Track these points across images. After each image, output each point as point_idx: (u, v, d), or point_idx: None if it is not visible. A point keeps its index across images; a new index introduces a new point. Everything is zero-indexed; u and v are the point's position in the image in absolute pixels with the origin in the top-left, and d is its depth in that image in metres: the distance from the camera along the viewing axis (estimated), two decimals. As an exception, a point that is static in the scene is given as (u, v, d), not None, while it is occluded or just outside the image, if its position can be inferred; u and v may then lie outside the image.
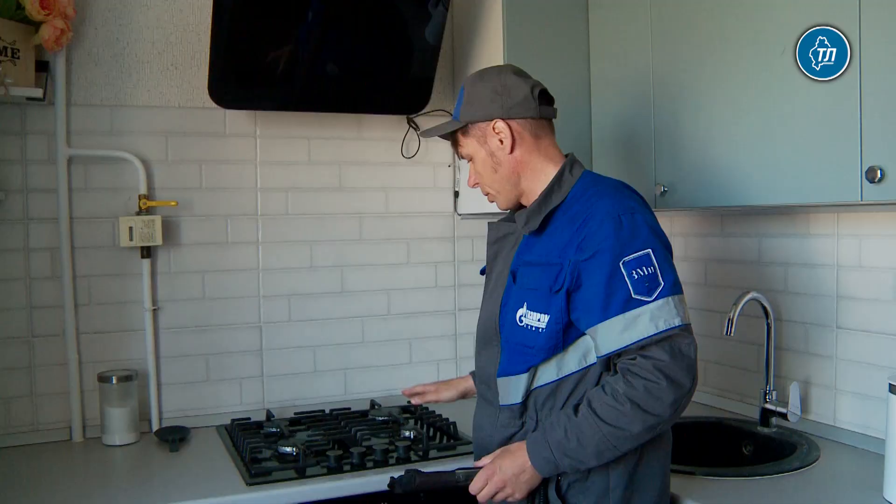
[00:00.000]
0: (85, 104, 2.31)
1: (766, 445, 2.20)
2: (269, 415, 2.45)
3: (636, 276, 1.51)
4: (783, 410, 2.17)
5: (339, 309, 2.63)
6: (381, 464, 2.04)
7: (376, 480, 1.97)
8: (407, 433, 2.25)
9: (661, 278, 1.52)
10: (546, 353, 1.60)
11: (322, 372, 2.61)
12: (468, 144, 1.74)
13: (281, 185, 2.55)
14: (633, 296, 1.50)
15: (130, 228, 2.28)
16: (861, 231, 2.07)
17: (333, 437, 2.24)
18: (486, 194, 1.78)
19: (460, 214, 2.80)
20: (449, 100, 2.76)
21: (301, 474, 1.97)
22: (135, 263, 2.35)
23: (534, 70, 2.41)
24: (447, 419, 2.37)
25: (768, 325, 2.23)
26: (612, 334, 1.51)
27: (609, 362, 1.58)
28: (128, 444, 2.26)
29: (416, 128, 2.71)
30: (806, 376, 2.23)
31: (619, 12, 2.36)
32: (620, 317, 1.50)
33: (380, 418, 2.43)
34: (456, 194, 2.80)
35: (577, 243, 1.56)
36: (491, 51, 2.49)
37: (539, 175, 1.70)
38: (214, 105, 2.33)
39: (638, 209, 1.59)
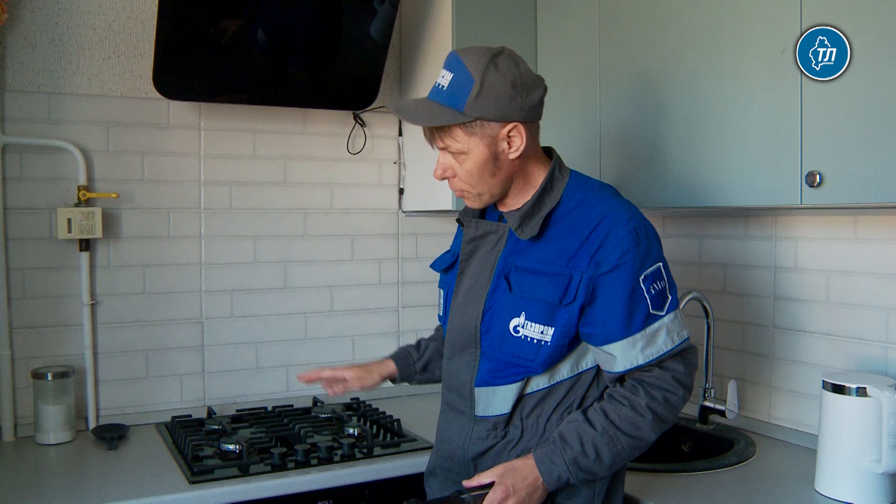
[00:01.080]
0: (20, 90, 2.23)
1: (705, 442, 2.25)
2: (211, 412, 2.41)
3: (653, 292, 1.49)
4: (721, 408, 2.22)
5: (282, 305, 2.61)
6: (326, 461, 2.03)
7: (321, 478, 1.96)
8: (351, 430, 2.24)
9: (668, 292, 1.52)
10: (545, 367, 1.54)
11: (264, 368, 2.58)
12: (466, 141, 1.52)
13: (225, 179, 2.51)
14: (650, 311, 1.49)
15: (69, 220, 2.22)
16: (798, 234, 2.14)
17: (276, 435, 2.21)
18: (460, 191, 1.60)
19: (405, 211, 2.79)
20: (397, 97, 2.75)
21: (244, 472, 1.95)
22: (73, 256, 2.29)
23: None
24: (391, 416, 2.37)
25: (708, 324, 2.28)
26: (633, 351, 1.48)
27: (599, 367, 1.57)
28: (63, 443, 2.19)
29: (363, 124, 2.70)
30: (743, 374, 2.29)
31: (567, 9, 2.39)
32: (641, 333, 1.48)
33: (323, 415, 2.42)
34: (401, 191, 2.79)
35: (591, 255, 1.49)
36: (439, 48, 2.49)
37: (529, 177, 1.59)
38: (158, 95, 2.28)
39: (645, 219, 1.55)
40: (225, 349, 2.52)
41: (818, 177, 1.65)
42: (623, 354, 1.49)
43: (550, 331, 1.51)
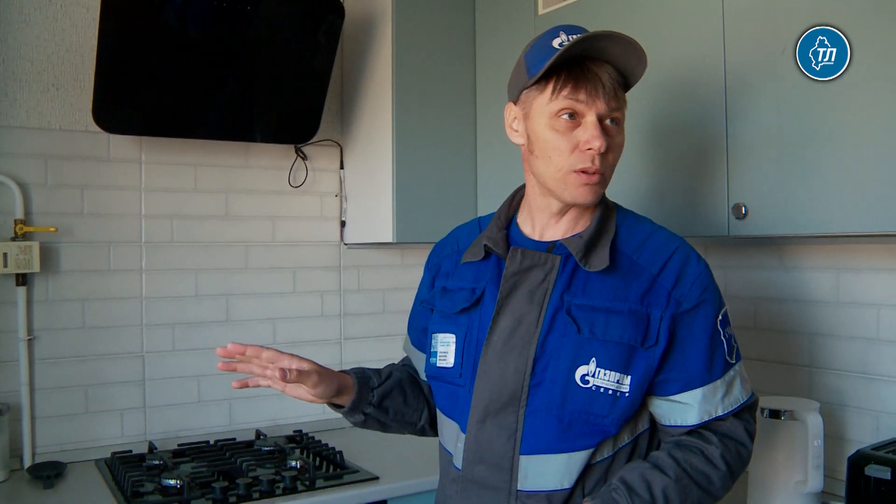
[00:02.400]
0: (-45, 122, 2.21)
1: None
2: (152, 447, 2.38)
3: (727, 336, 1.36)
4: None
5: (225, 338, 2.59)
6: (268, 494, 2.02)
7: (263, 511, 1.96)
8: (293, 463, 2.23)
9: (734, 340, 1.39)
10: (621, 424, 1.32)
11: (207, 402, 2.56)
12: (623, 111, 1.37)
13: (166, 213, 2.50)
14: (726, 357, 1.35)
15: (5, 255, 2.18)
16: (727, 263, 2.22)
17: (218, 469, 2.20)
18: (601, 174, 1.34)
19: (346, 244, 2.81)
20: (338, 130, 2.78)
21: (186, 507, 1.94)
22: (9, 291, 2.25)
23: (422, 99, 2.51)
24: (333, 448, 2.37)
25: (644, 352, 2.34)
26: (713, 400, 1.33)
27: (655, 429, 1.39)
28: (-4, 482, 2.15)
29: (305, 157, 2.72)
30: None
31: (507, 40, 2.46)
32: (721, 380, 1.33)
33: (265, 448, 2.41)
34: (342, 224, 2.81)
35: (668, 291, 1.32)
36: (380, 80, 2.54)
37: None
38: (98, 129, 2.27)
39: None
40: (166, 383, 2.50)
41: (743, 209, 1.72)
42: (702, 404, 1.32)
43: (628, 379, 1.30)
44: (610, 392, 1.29)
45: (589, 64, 1.32)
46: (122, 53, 2.17)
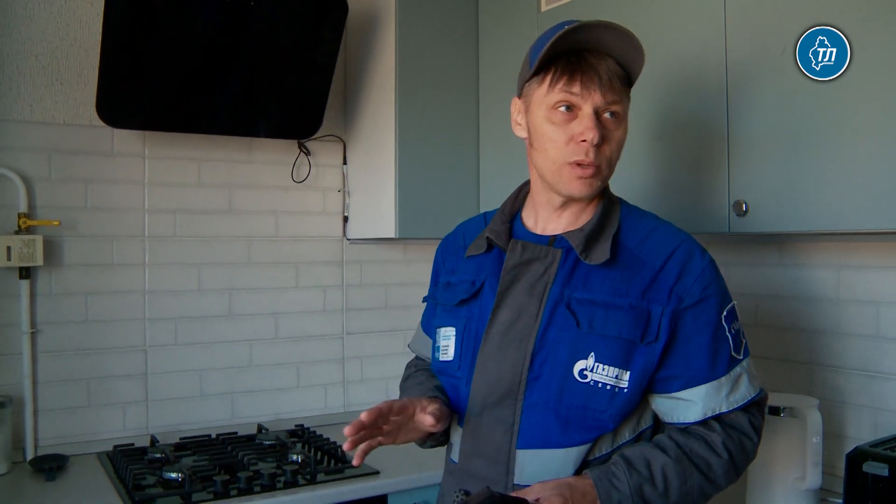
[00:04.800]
0: (-42, 116, 2.22)
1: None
2: (154, 440, 2.39)
3: (734, 331, 1.33)
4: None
5: (227, 332, 2.61)
6: (269, 488, 2.03)
7: (264, 505, 1.96)
8: (294, 457, 2.24)
9: (742, 335, 1.37)
10: (619, 420, 1.31)
11: (209, 396, 2.57)
12: (626, 105, 1.37)
13: (169, 207, 2.51)
14: (732, 353, 1.32)
15: (9, 248, 2.19)
16: (727, 260, 2.22)
17: (220, 462, 2.20)
18: (596, 167, 1.34)
19: (349, 239, 2.82)
20: (341, 126, 2.79)
21: (187, 500, 1.94)
22: (12, 284, 2.26)
23: (425, 95, 2.51)
24: (335, 442, 2.38)
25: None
26: (718, 397, 1.31)
27: (658, 427, 1.38)
28: (-1, 475, 2.16)
29: (308, 152, 2.73)
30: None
31: (509, 36, 2.46)
32: (726, 377, 1.31)
33: (267, 442, 2.41)
34: (345, 219, 2.82)
35: (670, 287, 1.31)
36: (383, 76, 2.55)
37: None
38: (102, 123, 2.28)
39: None
40: (169, 377, 2.51)
41: (744, 206, 1.72)
42: (706, 400, 1.30)
43: (626, 375, 1.29)
44: (608, 387, 1.29)
45: (588, 56, 1.32)
46: (126, 48, 2.18)
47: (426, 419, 1.31)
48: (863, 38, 1.50)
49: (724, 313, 1.33)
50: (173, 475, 2.05)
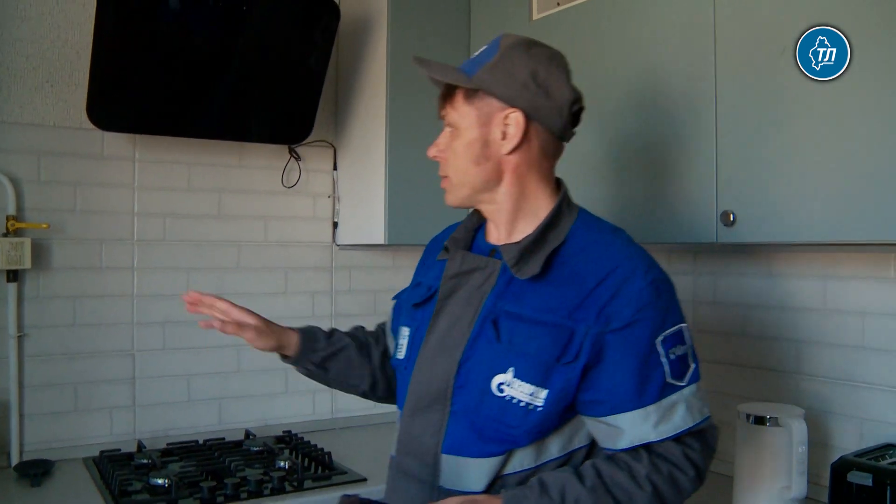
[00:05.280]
0: (-54, 117, 2.21)
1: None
2: (141, 446, 2.38)
3: (673, 357, 1.28)
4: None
5: (215, 337, 2.56)
6: (256, 494, 2.03)
7: (251, 511, 1.96)
8: (282, 463, 2.23)
9: (690, 359, 1.32)
10: (534, 437, 1.30)
11: (196, 401, 2.57)
12: (465, 114, 1.39)
13: (159, 211, 2.50)
14: (668, 380, 1.27)
15: (-4, 250, 2.19)
16: (716, 270, 2.24)
17: (207, 468, 2.20)
18: (444, 177, 1.45)
19: (339, 245, 2.82)
20: (332, 131, 2.79)
21: (173, 506, 1.94)
22: (-1, 287, 2.26)
23: (416, 102, 2.51)
24: (322, 449, 2.37)
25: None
26: (645, 425, 1.26)
27: (594, 444, 1.36)
28: (-18, 480, 2.14)
29: (298, 157, 2.73)
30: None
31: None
32: (655, 405, 1.26)
33: (254, 448, 2.41)
34: (335, 225, 2.82)
35: (600, 308, 1.27)
36: (374, 82, 2.55)
37: (524, 198, 1.40)
38: (92, 126, 2.27)
39: (665, 273, 1.36)
40: (157, 382, 2.50)
41: (731, 216, 1.73)
42: (632, 428, 1.26)
43: (543, 393, 1.28)
44: (522, 404, 1.29)
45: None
46: (117, 51, 2.17)
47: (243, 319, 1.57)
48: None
49: (661, 338, 1.28)
50: (160, 481, 2.04)
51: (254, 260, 2.68)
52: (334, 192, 2.82)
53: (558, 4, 2.27)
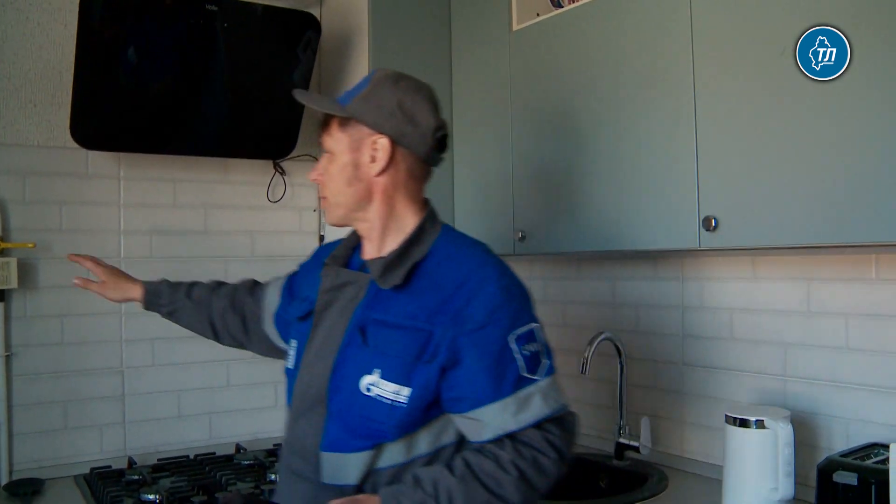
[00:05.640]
0: (-69, 139, 2.21)
1: (621, 478, 2.31)
2: (132, 462, 2.38)
3: (527, 353, 1.40)
4: (635, 444, 2.30)
5: (204, 352, 2.60)
6: (248, 509, 2.03)
7: (243, 525, 1.96)
8: (272, 476, 2.24)
9: (543, 356, 1.44)
10: (400, 432, 1.41)
11: (186, 417, 2.57)
12: (339, 140, 1.52)
13: (145, 228, 2.51)
14: (523, 374, 1.39)
15: (-18, 271, 2.19)
16: (702, 275, 2.25)
17: (198, 483, 2.20)
18: (323, 198, 1.59)
19: (327, 257, 2.83)
20: (316, 145, 2.79)
21: (165, 522, 1.94)
22: (-14, 307, 2.26)
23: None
24: (314, 462, 2.38)
25: (621, 363, 2.37)
26: (504, 415, 1.38)
27: (462, 440, 1.47)
28: (-27, 500, 2.14)
29: (283, 172, 2.74)
30: (656, 411, 2.37)
31: (482, 61, 2.48)
32: (513, 397, 1.38)
33: (245, 462, 2.41)
34: (321, 238, 2.83)
35: (454, 312, 1.40)
36: (359, 98, 2.55)
37: (393, 216, 1.53)
38: (76, 145, 2.27)
39: (518, 279, 1.49)
40: (146, 398, 2.50)
41: (713, 221, 1.75)
42: (493, 420, 1.38)
43: (406, 391, 1.40)
44: (388, 401, 1.41)
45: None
46: (99, 70, 2.18)
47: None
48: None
49: (514, 336, 1.40)
50: (151, 497, 2.04)
51: (241, 274, 2.62)
52: (320, 206, 2.82)
53: (538, 15, 2.30)
